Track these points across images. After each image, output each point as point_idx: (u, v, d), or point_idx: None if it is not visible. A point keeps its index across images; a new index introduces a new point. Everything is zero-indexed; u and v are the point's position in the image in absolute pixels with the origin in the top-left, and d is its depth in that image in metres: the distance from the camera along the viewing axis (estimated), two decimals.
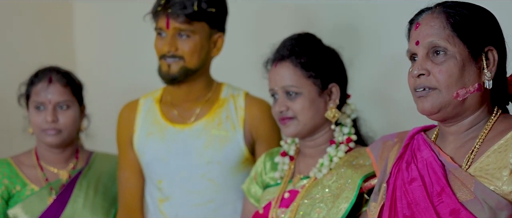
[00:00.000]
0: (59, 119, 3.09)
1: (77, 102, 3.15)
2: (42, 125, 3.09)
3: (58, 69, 3.16)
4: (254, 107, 3.00)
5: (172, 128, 3.00)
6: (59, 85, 3.11)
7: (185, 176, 2.97)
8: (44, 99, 3.09)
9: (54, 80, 3.11)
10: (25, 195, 3.10)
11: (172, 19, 2.88)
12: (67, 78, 3.14)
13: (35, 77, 3.14)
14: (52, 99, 3.09)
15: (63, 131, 3.10)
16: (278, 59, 2.65)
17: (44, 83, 3.10)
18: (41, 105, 3.10)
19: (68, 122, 3.11)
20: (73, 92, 3.13)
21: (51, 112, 3.08)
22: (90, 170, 3.21)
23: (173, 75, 2.92)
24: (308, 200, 2.58)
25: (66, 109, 3.11)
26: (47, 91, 3.09)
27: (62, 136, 3.11)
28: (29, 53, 3.94)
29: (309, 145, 2.70)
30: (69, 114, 3.11)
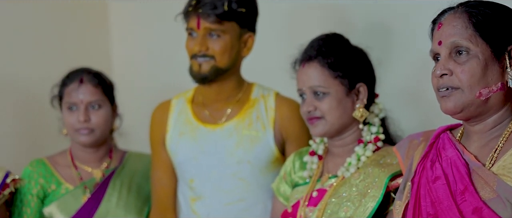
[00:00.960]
0: (91, 118, 3.14)
1: (108, 102, 3.20)
2: (75, 124, 3.14)
3: (89, 70, 3.22)
4: (284, 108, 3.02)
5: (203, 128, 3.03)
6: (90, 85, 3.16)
7: (216, 175, 3.00)
8: (76, 99, 3.14)
9: (85, 80, 3.16)
10: (60, 194, 3.15)
11: (202, 19, 2.91)
12: (98, 78, 3.19)
13: (67, 78, 3.20)
14: (84, 99, 3.14)
15: (95, 130, 3.15)
16: (305, 59, 2.67)
17: (75, 84, 3.16)
18: (73, 105, 3.15)
19: (100, 121, 3.15)
20: (104, 92, 3.18)
21: (83, 111, 3.13)
22: (124, 169, 3.26)
23: (204, 75, 2.95)
24: (335, 199, 2.59)
25: (97, 109, 3.16)
26: (79, 91, 3.14)
27: (94, 135, 3.16)
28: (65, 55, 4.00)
29: (337, 144, 2.71)
30: (101, 113, 3.16)
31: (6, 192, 3.05)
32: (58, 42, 4.03)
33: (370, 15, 3.26)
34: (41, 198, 3.15)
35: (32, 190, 3.14)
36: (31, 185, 3.14)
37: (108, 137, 3.26)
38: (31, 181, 3.15)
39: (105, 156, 3.26)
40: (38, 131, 3.82)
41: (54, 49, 4.00)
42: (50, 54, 3.97)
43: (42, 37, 3.96)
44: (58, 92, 3.22)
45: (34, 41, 3.92)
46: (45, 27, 3.98)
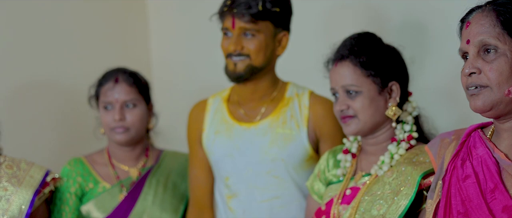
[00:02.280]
0: (126, 117, 3.18)
1: (144, 101, 3.24)
2: (111, 123, 3.18)
3: (124, 69, 3.26)
4: (318, 106, 3.03)
5: (238, 127, 3.06)
6: (125, 85, 3.20)
7: (251, 173, 3.02)
8: (111, 99, 3.19)
9: (120, 80, 3.20)
10: (98, 192, 3.20)
11: (237, 19, 2.94)
12: (133, 78, 3.23)
13: (103, 78, 3.25)
14: (119, 98, 3.18)
15: (130, 128, 3.19)
16: (338, 58, 2.68)
17: (111, 83, 3.20)
18: (109, 105, 3.20)
19: (135, 119, 3.19)
20: (139, 91, 3.22)
21: (119, 110, 3.17)
22: (160, 168, 3.29)
23: (239, 73, 2.98)
24: (369, 197, 2.60)
25: (132, 108, 3.20)
26: (114, 91, 3.19)
27: (130, 134, 3.20)
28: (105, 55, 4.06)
29: (370, 143, 2.72)
30: (136, 112, 3.20)
31: (46, 190, 3.10)
32: (99, 42, 4.09)
33: (405, 13, 3.25)
34: (79, 196, 3.20)
35: (70, 188, 3.20)
36: (70, 183, 3.20)
37: (144, 136, 3.30)
38: (70, 180, 3.21)
39: (141, 154, 3.30)
40: (77, 130, 3.87)
41: (95, 50, 4.06)
42: (90, 54, 4.03)
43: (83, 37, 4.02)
44: (94, 92, 3.27)
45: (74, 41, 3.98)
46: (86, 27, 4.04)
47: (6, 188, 3.00)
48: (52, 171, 3.15)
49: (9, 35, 3.75)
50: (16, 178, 3.03)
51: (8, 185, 3.01)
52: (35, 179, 3.07)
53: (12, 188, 3.00)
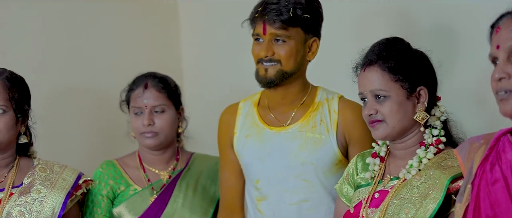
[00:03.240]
0: (155, 122, 3.22)
1: (173, 106, 3.27)
2: (140, 128, 3.23)
3: (154, 74, 3.29)
4: (348, 111, 3.05)
5: (269, 131, 3.08)
6: (154, 90, 3.24)
7: (281, 176, 3.04)
8: (141, 104, 3.23)
9: (149, 86, 3.24)
10: (129, 194, 3.24)
11: (268, 25, 2.97)
12: (163, 83, 3.26)
13: (133, 83, 3.29)
14: (148, 104, 3.22)
15: (159, 133, 3.23)
16: (366, 64, 2.69)
17: (140, 89, 3.24)
18: (138, 110, 3.24)
19: (164, 124, 3.23)
20: (168, 97, 3.26)
21: (148, 116, 3.21)
22: (190, 171, 3.33)
23: (270, 79, 3.00)
24: (397, 200, 2.61)
25: (161, 113, 3.24)
26: (143, 96, 3.23)
27: (159, 138, 3.24)
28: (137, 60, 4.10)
29: (399, 147, 2.73)
30: (165, 117, 3.24)
31: (78, 192, 3.13)
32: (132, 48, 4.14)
33: (434, 17, 3.26)
34: (111, 198, 3.25)
35: (102, 190, 3.24)
36: (102, 186, 3.25)
37: (175, 140, 3.33)
38: (102, 182, 3.25)
39: (171, 158, 3.34)
40: (109, 133, 3.92)
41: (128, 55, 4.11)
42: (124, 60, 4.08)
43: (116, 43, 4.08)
44: (125, 97, 3.32)
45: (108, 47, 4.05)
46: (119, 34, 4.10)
47: (40, 190, 3.04)
48: (84, 174, 3.19)
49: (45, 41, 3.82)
50: (49, 181, 3.07)
51: (41, 188, 3.05)
52: (68, 181, 3.11)
53: (45, 190, 3.04)
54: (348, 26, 3.62)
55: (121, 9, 4.11)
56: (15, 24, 3.73)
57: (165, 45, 4.30)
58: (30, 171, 3.09)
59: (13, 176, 3.06)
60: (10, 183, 3.04)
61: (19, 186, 3.04)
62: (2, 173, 3.06)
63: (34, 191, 3.03)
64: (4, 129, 2.98)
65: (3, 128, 2.98)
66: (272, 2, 2.97)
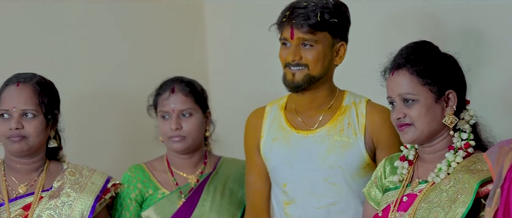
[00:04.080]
0: (182, 126, 3.23)
1: (200, 110, 3.29)
2: (168, 132, 3.24)
3: (181, 79, 3.31)
4: (375, 114, 3.05)
5: (296, 134, 3.08)
6: (181, 94, 3.25)
7: (308, 180, 3.05)
8: (168, 108, 3.25)
9: (177, 90, 3.26)
10: (157, 198, 3.26)
11: (296, 30, 2.97)
12: (189, 87, 3.28)
13: (160, 88, 3.31)
14: (175, 108, 3.24)
15: (187, 137, 3.24)
16: (394, 67, 2.69)
17: (167, 93, 3.26)
18: (166, 114, 3.26)
19: (191, 128, 3.25)
20: (195, 101, 3.27)
21: (175, 120, 3.23)
22: (217, 175, 3.34)
23: (297, 83, 3.00)
24: (425, 204, 2.61)
25: (189, 117, 3.25)
26: (171, 101, 3.25)
27: (186, 142, 3.25)
28: (163, 64, 4.13)
29: (427, 151, 2.72)
30: (192, 121, 3.25)
31: (107, 196, 3.16)
32: (157, 52, 4.16)
33: (463, 21, 3.25)
34: (139, 202, 3.27)
35: (130, 194, 3.26)
36: (130, 189, 3.27)
37: (202, 143, 3.35)
38: (130, 186, 3.27)
39: (199, 161, 3.35)
40: (137, 137, 3.94)
41: (153, 59, 4.13)
42: (149, 64, 4.10)
43: (141, 47, 4.10)
44: (152, 102, 3.34)
45: (133, 51, 4.06)
46: (144, 37, 4.12)
47: (69, 194, 3.07)
48: (113, 178, 3.21)
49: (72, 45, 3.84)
50: (78, 185, 3.10)
51: (70, 191, 3.08)
52: (97, 185, 3.13)
53: (74, 194, 3.07)
54: (374, 31, 3.62)
55: (148, 14, 4.13)
56: (41, 28, 3.77)
57: (191, 49, 4.32)
58: (59, 175, 3.12)
59: (43, 180, 3.09)
60: (40, 186, 3.07)
61: (49, 190, 3.08)
62: (32, 177, 3.10)
63: (64, 195, 3.06)
64: (34, 133, 3.01)
65: (33, 132, 3.01)
66: (300, 7, 2.98)
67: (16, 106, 3.00)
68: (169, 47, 4.21)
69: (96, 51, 3.93)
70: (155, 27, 4.17)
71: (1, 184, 3.06)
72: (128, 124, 3.97)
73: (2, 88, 3.06)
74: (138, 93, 3.76)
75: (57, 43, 3.81)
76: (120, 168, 3.45)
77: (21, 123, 3.00)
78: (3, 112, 3.02)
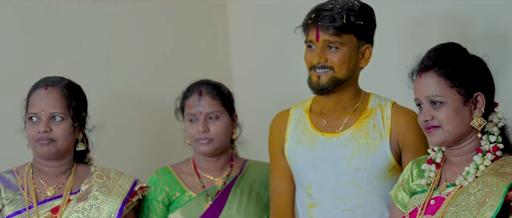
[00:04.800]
0: (210, 129, 3.25)
1: (227, 113, 3.30)
2: (195, 135, 3.26)
3: (208, 82, 3.33)
4: (401, 117, 3.04)
5: (321, 137, 3.08)
6: (208, 97, 3.27)
7: (333, 183, 3.04)
8: (195, 111, 3.27)
9: (204, 93, 3.27)
10: (184, 201, 3.28)
11: (321, 32, 2.97)
12: (217, 90, 3.30)
13: (187, 91, 3.33)
14: (203, 111, 3.26)
15: (214, 139, 3.26)
16: (422, 69, 2.67)
17: (195, 96, 3.28)
18: (193, 117, 3.27)
19: (219, 131, 3.26)
20: (222, 103, 3.29)
21: (202, 122, 3.25)
22: (244, 177, 3.35)
23: (322, 86, 3.00)
24: (453, 208, 2.59)
25: (216, 119, 3.27)
26: (198, 103, 3.26)
27: (214, 145, 3.27)
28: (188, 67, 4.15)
29: (455, 153, 2.71)
30: (219, 123, 3.27)
31: (134, 199, 3.18)
32: (182, 56, 4.18)
33: (490, 22, 3.23)
34: (166, 204, 3.28)
35: (158, 197, 3.28)
36: (157, 192, 3.28)
37: (229, 146, 3.36)
38: (157, 189, 3.29)
39: (226, 164, 3.36)
40: (164, 140, 3.97)
41: (178, 63, 4.16)
42: (174, 67, 4.13)
43: (167, 51, 4.13)
44: (180, 105, 3.35)
45: (159, 55, 4.09)
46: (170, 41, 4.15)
47: (97, 197, 3.09)
48: (140, 180, 3.24)
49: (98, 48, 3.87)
50: (106, 187, 3.13)
51: (98, 194, 3.10)
52: (124, 188, 3.16)
53: (102, 197, 3.10)
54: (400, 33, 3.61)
55: (172, 18, 4.16)
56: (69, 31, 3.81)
57: (215, 53, 4.33)
58: (87, 178, 3.15)
59: (71, 183, 3.11)
60: (68, 189, 3.10)
61: (77, 193, 3.10)
62: (60, 180, 3.12)
63: (91, 198, 3.08)
64: (62, 136, 3.04)
65: (61, 135, 3.04)
66: (326, 9, 2.97)
67: (45, 110, 3.03)
68: (193, 51, 4.24)
69: (122, 55, 3.95)
70: (180, 32, 4.20)
71: (30, 187, 3.09)
72: (154, 127, 4.00)
73: (30, 92, 3.10)
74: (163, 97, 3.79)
75: (84, 47, 3.85)
76: (147, 170, 3.47)
77: (50, 126, 3.03)
78: (32, 115, 3.05)
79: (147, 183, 3.29)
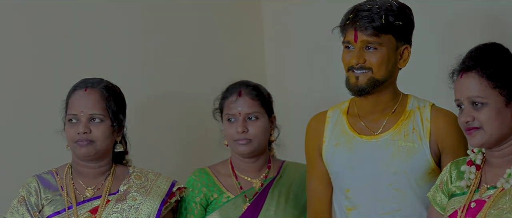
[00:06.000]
0: (249, 129, 3.25)
1: (266, 114, 3.30)
2: (234, 135, 3.26)
3: (248, 83, 3.33)
4: (440, 119, 3.01)
5: (359, 139, 3.06)
6: (248, 98, 3.27)
7: (372, 185, 3.02)
8: (235, 111, 3.26)
9: (243, 93, 3.28)
10: (222, 202, 3.27)
11: (360, 32, 2.95)
12: (256, 91, 3.29)
13: (226, 91, 3.33)
14: (242, 111, 3.25)
15: (253, 140, 3.25)
16: (463, 70, 2.65)
17: (234, 96, 3.28)
18: (232, 117, 3.27)
19: (257, 132, 3.26)
20: (261, 104, 3.29)
21: (241, 123, 3.24)
22: (281, 179, 3.34)
23: (361, 87, 2.98)
24: (495, 211, 2.56)
25: (255, 120, 3.26)
26: (237, 104, 3.26)
27: (252, 145, 3.26)
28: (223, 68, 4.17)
29: (496, 155, 2.68)
30: (258, 124, 3.26)
31: (172, 200, 3.19)
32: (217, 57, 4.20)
33: None
34: (204, 206, 3.28)
35: (195, 198, 3.28)
36: (195, 193, 3.29)
37: (267, 148, 3.36)
38: (195, 190, 3.29)
39: (263, 166, 3.35)
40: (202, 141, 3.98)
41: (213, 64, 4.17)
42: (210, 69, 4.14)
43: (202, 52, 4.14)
44: (218, 105, 3.36)
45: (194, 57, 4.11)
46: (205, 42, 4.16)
47: (135, 197, 3.11)
48: (178, 181, 3.25)
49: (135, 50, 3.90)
50: (144, 188, 3.14)
51: (137, 195, 3.12)
52: (162, 189, 3.17)
53: (140, 197, 3.11)
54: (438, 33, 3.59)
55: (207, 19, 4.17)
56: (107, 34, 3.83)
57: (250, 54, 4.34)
58: (125, 179, 3.17)
59: (110, 184, 3.14)
60: (107, 190, 3.12)
61: (115, 193, 3.13)
62: (99, 181, 3.15)
63: (130, 198, 3.10)
64: (102, 137, 3.06)
65: (101, 136, 3.06)
66: (364, 9, 2.95)
67: (84, 111, 3.05)
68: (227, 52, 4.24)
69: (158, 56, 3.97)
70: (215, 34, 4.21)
71: (69, 188, 3.12)
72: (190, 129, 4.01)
73: (70, 93, 3.12)
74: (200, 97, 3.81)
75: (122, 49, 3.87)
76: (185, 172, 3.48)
77: (89, 127, 3.05)
78: (71, 117, 3.08)
79: (184, 184, 3.29)
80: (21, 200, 3.08)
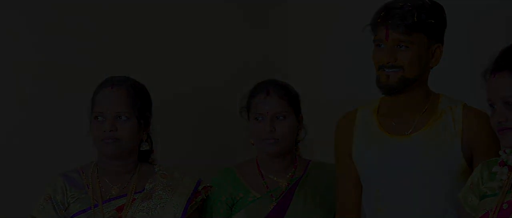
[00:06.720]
0: (276, 128, 3.23)
1: (293, 113, 3.28)
2: (262, 134, 3.25)
3: (275, 82, 3.32)
4: (472, 119, 2.96)
5: (390, 139, 3.02)
6: (276, 97, 3.26)
7: (403, 186, 2.98)
8: (263, 110, 3.25)
9: (272, 92, 3.26)
10: (248, 201, 3.27)
11: (391, 31, 2.91)
12: (284, 90, 3.28)
13: (254, 90, 3.32)
14: (270, 110, 3.24)
15: (280, 139, 3.24)
16: (496, 69, 2.60)
17: (262, 95, 3.27)
18: (260, 116, 3.26)
19: (285, 131, 3.24)
20: (290, 104, 3.27)
21: (269, 122, 3.23)
22: (308, 179, 3.33)
23: (392, 86, 2.94)
24: None
25: (283, 119, 3.25)
26: (265, 103, 3.25)
27: (280, 145, 3.25)
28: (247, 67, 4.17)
29: None
30: (286, 123, 3.25)
31: (198, 199, 3.19)
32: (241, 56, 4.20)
33: None
34: (230, 205, 3.28)
35: (221, 197, 3.28)
36: (221, 192, 3.28)
37: (293, 147, 3.35)
38: (221, 189, 3.29)
39: (290, 165, 3.34)
40: (227, 140, 3.98)
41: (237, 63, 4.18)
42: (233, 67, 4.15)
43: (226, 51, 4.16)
44: (246, 104, 3.35)
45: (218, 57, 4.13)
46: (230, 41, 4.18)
47: (161, 196, 3.12)
48: (203, 180, 3.25)
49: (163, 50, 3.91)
50: (170, 187, 3.15)
51: (162, 194, 3.13)
52: (188, 187, 3.18)
53: (166, 196, 3.12)
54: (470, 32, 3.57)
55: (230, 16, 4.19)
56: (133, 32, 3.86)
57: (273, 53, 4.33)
58: (151, 177, 3.18)
59: (135, 182, 3.14)
60: (133, 188, 3.13)
61: (141, 192, 3.13)
62: (124, 179, 3.16)
63: (156, 197, 3.11)
64: (127, 135, 3.07)
65: (127, 134, 3.07)
66: (395, 7, 2.92)
67: (110, 109, 3.06)
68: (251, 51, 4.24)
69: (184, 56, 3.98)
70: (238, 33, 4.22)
71: (95, 186, 3.12)
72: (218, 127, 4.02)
73: (96, 91, 3.14)
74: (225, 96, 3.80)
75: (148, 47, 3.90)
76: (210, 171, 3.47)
77: (115, 125, 3.06)
78: (98, 114, 3.08)
79: (209, 184, 3.29)
80: (47, 198, 3.10)
